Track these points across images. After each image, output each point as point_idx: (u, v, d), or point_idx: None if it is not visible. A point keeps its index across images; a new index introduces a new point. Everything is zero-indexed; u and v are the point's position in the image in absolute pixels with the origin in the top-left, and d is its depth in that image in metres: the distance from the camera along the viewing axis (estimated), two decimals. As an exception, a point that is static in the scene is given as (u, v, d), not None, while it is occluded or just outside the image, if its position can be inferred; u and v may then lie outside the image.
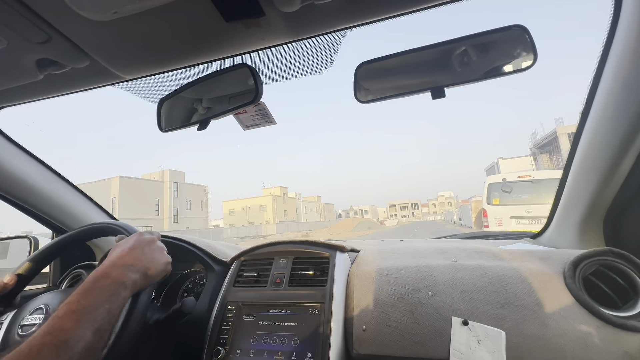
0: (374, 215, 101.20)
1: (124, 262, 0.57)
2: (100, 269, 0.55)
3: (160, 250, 0.65)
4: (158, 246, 0.66)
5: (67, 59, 0.61)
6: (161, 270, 0.62)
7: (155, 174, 33.42)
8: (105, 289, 0.51)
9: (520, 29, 0.49)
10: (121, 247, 0.62)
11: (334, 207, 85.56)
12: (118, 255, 0.59)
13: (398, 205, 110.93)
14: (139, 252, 0.60)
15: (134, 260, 0.58)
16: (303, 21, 0.54)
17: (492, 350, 0.64)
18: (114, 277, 0.53)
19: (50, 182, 1.04)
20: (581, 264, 0.72)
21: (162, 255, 0.65)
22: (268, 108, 0.81)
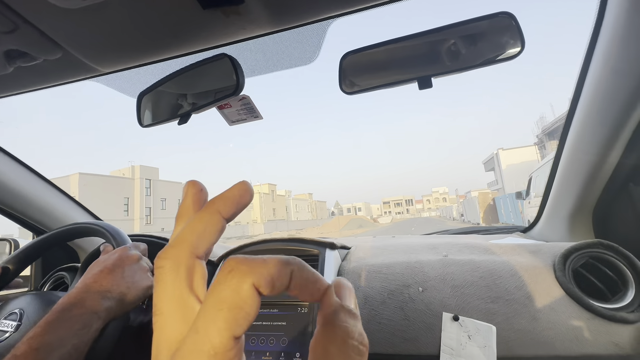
0: (367, 212, 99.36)
1: (101, 286, 0.52)
2: (72, 294, 0.50)
3: (144, 271, 0.60)
4: (141, 267, 0.60)
5: (38, 50, 0.58)
6: (140, 297, 0.57)
7: (124, 170, 29.97)
8: (75, 320, 0.46)
9: (507, 15, 0.48)
10: (99, 265, 0.56)
11: (326, 205, 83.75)
12: (95, 276, 0.53)
13: (392, 201, 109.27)
14: (118, 274, 0.55)
15: (112, 284, 0.53)
16: (285, 9, 0.52)
17: (483, 345, 0.63)
18: (87, 306, 0.48)
19: (28, 181, 1.00)
20: (571, 256, 0.71)
21: (144, 278, 0.59)
22: (254, 102, 0.78)
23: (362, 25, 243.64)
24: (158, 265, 0.17)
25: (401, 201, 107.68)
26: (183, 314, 0.16)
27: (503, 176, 30.93)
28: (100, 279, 0.52)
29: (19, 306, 0.69)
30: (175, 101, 0.68)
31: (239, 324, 0.14)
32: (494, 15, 0.48)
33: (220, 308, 0.14)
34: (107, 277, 0.53)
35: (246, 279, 0.15)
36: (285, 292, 0.17)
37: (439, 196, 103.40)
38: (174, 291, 0.17)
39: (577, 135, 0.76)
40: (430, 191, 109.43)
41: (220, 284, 0.15)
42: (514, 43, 0.48)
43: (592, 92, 0.66)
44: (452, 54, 0.51)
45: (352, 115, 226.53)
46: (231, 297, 0.14)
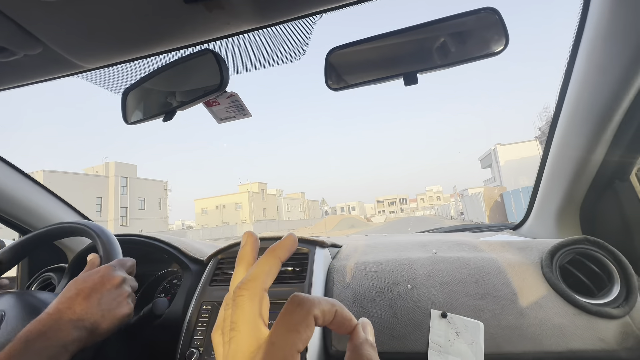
0: (361, 211, 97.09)
1: (74, 314, 0.48)
2: (42, 320, 0.46)
3: (123, 297, 0.55)
4: (122, 292, 0.55)
5: (17, 45, 0.57)
6: (114, 325, 0.52)
7: (98, 167, 27.53)
8: (41, 352, 0.42)
9: (491, 11, 0.47)
10: (78, 286, 0.52)
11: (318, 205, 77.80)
12: (70, 300, 0.49)
13: (386, 200, 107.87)
14: (95, 300, 0.51)
15: (86, 311, 0.49)
16: (270, 3, 0.51)
17: (471, 342, 0.63)
18: (55, 337, 0.44)
19: (12, 180, 0.98)
20: (558, 252, 0.72)
21: (122, 306, 0.54)
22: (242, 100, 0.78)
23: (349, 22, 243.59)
24: (238, 294, 0.24)
25: (395, 200, 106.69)
26: (255, 332, 0.23)
27: (501, 173, 29.68)
28: (74, 305, 0.49)
29: (1, 307, 0.67)
30: (160, 98, 0.67)
31: (302, 342, 0.21)
32: (478, 10, 0.48)
33: (291, 330, 0.21)
34: (81, 303, 0.49)
35: (311, 311, 0.22)
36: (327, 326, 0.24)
37: (433, 195, 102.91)
38: (250, 315, 0.23)
39: (564, 132, 0.77)
40: (424, 190, 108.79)
41: (291, 314, 0.22)
42: (499, 39, 0.48)
43: (578, 89, 0.67)
44: (438, 50, 0.51)
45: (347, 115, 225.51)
46: (300, 323, 0.22)
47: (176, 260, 0.95)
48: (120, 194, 26.94)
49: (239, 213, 41.84)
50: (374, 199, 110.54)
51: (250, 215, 41.08)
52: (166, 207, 31.81)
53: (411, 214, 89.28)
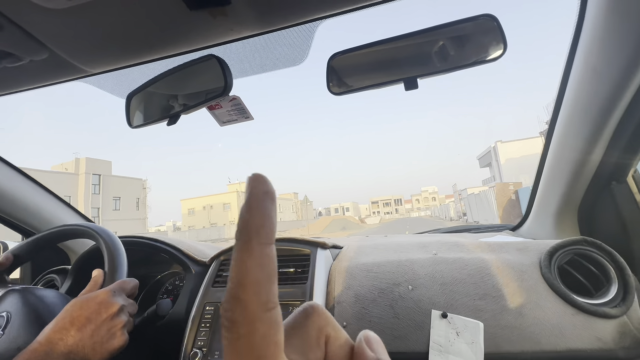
0: (356, 212, 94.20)
1: (65, 346, 0.47)
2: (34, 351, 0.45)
3: (118, 328, 0.54)
4: (117, 322, 0.54)
5: (23, 51, 0.58)
6: (106, 358, 0.51)
7: (67, 164, 24.71)
8: None
9: (489, 18, 0.48)
10: (74, 312, 0.51)
11: (312, 205, 75.68)
12: (62, 331, 0.48)
13: (381, 201, 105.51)
14: (88, 332, 0.50)
15: (78, 343, 0.48)
16: (272, 10, 0.52)
17: (471, 342, 0.64)
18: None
19: (15, 182, 0.99)
20: (556, 253, 0.73)
21: (116, 338, 0.53)
22: (244, 103, 0.78)
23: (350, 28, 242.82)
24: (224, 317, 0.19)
25: (390, 201, 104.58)
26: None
27: (502, 171, 27.89)
28: (67, 337, 0.48)
29: (7, 309, 0.68)
30: (164, 102, 0.68)
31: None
32: (476, 17, 0.49)
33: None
34: (74, 335, 0.48)
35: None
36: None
37: (429, 195, 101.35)
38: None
39: (562, 134, 0.78)
40: (419, 191, 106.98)
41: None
42: (497, 45, 0.49)
43: (575, 91, 0.68)
44: (437, 56, 0.52)
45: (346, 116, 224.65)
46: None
47: (178, 261, 0.96)
48: (92, 192, 24.42)
49: (228, 214, 39.84)
50: (369, 200, 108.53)
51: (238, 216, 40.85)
52: (145, 208, 28.54)
53: (406, 215, 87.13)
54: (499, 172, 28.79)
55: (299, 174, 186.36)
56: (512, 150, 28.08)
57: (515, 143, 28.32)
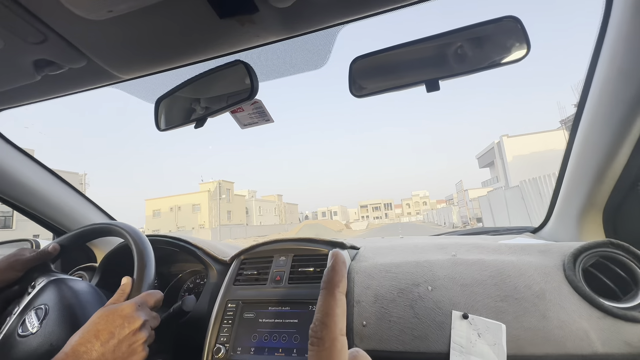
0: (344, 217, 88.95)
1: (89, 358, 0.49)
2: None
3: (139, 343, 0.56)
4: (140, 337, 0.57)
5: (64, 59, 0.62)
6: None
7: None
8: None
9: (512, 20, 0.49)
10: (99, 325, 0.53)
11: (297, 208, 69.90)
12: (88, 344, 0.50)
13: (370, 205, 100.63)
14: (112, 346, 0.52)
15: (100, 357, 0.50)
16: (297, 17, 0.54)
17: (493, 343, 0.64)
18: None
19: (49, 184, 1.05)
20: (581, 255, 0.71)
21: (137, 353, 0.55)
22: (265, 106, 0.81)
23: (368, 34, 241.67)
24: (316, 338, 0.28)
25: (380, 205, 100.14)
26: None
27: (508, 171, 23.77)
28: (91, 350, 0.50)
29: (44, 302, 0.72)
30: (191, 106, 0.71)
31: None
32: (499, 19, 0.50)
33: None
34: (98, 349, 0.51)
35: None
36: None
37: (419, 200, 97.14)
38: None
39: (586, 135, 0.76)
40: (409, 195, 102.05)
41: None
42: (520, 46, 0.49)
43: (599, 91, 0.67)
44: (459, 57, 0.53)
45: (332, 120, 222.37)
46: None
47: (201, 260, 0.99)
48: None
49: (197, 216, 35.40)
50: (357, 203, 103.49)
51: (210, 219, 34.55)
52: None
53: (396, 220, 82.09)
54: (505, 172, 24.92)
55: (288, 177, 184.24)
56: (520, 145, 23.86)
57: (524, 138, 24.21)
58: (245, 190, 48.38)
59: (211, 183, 36.99)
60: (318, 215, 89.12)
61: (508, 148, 24.34)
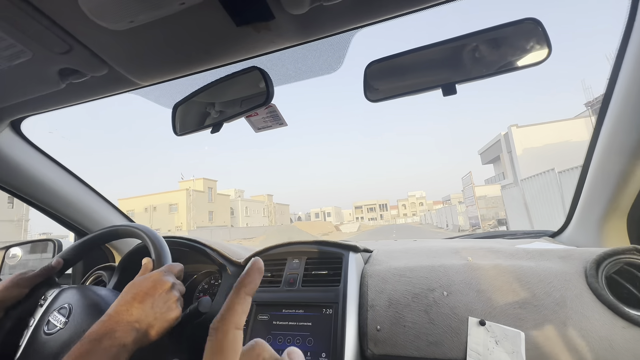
0: (338, 218, 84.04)
1: (131, 316, 0.53)
2: (104, 322, 0.51)
3: (173, 301, 0.60)
4: (171, 296, 0.60)
5: (87, 68, 0.64)
6: (165, 329, 0.57)
7: None
8: (107, 351, 0.47)
9: (532, 22, 0.48)
10: (134, 290, 0.57)
11: (289, 209, 63.88)
12: (127, 304, 0.54)
13: (365, 206, 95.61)
14: (148, 304, 0.56)
15: (141, 314, 0.54)
16: (312, 23, 0.55)
17: (511, 351, 0.63)
18: (117, 337, 0.49)
19: (72, 186, 1.08)
20: (604, 262, 0.69)
21: (173, 310, 0.59)
22: (279, 110, 0.82)
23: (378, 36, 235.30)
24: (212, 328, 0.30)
25: (375, 206, 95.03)
26: None
27: (518, 166, 20.03)
28: (131, 308, 0.54)
29: (67, 301, 0.75)
30: (208, 111, 0.73)
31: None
32: (519, 21, 0.49)
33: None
34: (137, 307, 0.54)
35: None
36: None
37: (416, 200, 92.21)
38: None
39: (609, 137, 0.74)
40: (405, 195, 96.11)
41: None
42: (540, 48, 0.48)
43: (624, 94, 0.65)
44: (477, 61, 0.52)
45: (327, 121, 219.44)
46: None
47: (215, 262, 1.00)
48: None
49: (174, 217, 31.59)
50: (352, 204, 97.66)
51: (188, 220, 30.82)
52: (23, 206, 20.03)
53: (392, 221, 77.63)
54: (513, 167, 21.25)
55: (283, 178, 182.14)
56: (531, 136, 20.16)
57: (536, 128, 20.51)
58: (232, 189, 44.51)
59: (191, 181, 33.88)
60: (311, 217, 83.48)
61: (517, 139, 20.56)
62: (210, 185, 35.31)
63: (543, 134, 20.11)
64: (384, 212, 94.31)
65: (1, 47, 0.55)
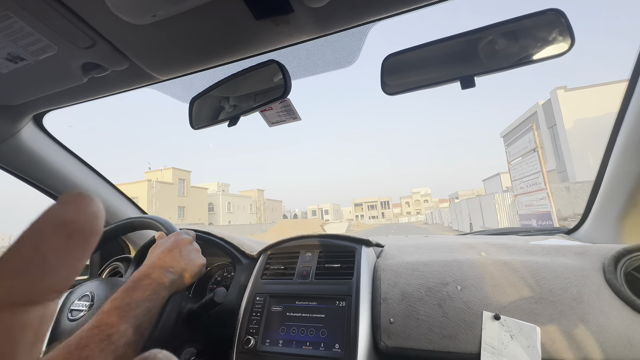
0: (337, 215, 79.45)
1: (164, 263, 0.60)
2: (142, 269, 0.58)
3: (197, 252, 0.68)
4: (194, 248, 0.69)
5: (109, 62, 0.66)
6: (196, 273, 0.65)
7: None
8: (146, 288, 0.54)
9: (555, 12, 0.47)
10: (160, 247, 0.65)
11: (281, 205, 60.24)
12: (158, 256, 0.62)
13: (365, 203, 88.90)
14: (177, 253, 0.63)
15: (173, 262, 0.61)
16: (330, 16, 0.55)
17: (527, 346, 0.62)
18: (154, 277, 0.56)
19: (91, 180, 1.11)
20: (623, 259, 0.68)
21: (198, 257, 0.67)
22: (293, 104, 0.82)
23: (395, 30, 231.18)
24: None
25: (376, 203, 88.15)
26: None
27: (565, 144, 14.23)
28: (163, 257, 0.61)
29: (89, 290, 0.77)
30: (224, 104, 0.74)
31: None
32: (541, 12, 0.48)
33: None
34: (168, 255, 0.62)
35: None
36: None
37: (420, 198, 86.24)
38: None
39: (630, 132, 0.72)
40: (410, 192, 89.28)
41: None
42: (563, 40, 0.47)
43: None
44: (497, 53, 0.51)
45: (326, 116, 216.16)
46: None
47: (229, 254, 1.02)
48: None
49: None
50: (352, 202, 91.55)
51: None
52: None
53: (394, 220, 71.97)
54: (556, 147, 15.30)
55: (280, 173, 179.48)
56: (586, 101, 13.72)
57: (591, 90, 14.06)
58: (214, 182, 39.71)
59: (159, 172, 29.06)
60: (308, 214, 79.79)
61: (566, 107, 14.06)
62: (183, 177, 30.49)
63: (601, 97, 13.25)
64: (385, 210, 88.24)
65: (28, 42, 0.57)
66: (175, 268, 0.60)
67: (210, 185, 39.67)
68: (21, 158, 0.94)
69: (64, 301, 0.76)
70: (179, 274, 0.61)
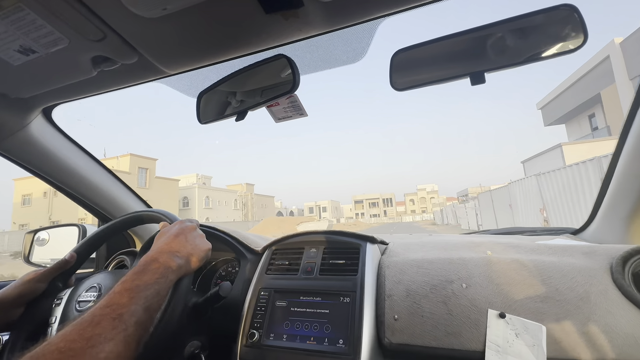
0: (336, 213, 73.56)
1: (170, 248, 0.62)
2: (150, 254, 0.60)
3: (201, 237, 0.70)
4: (199, 234, 0.70)
5: (119, 56, 0.66)
6: (203, 257, 0.67)
7: None
8: (155, 271, 0.56)
9: (568, 8, 0.46)
10: (166, 234, 0.67)
11: (274, 202, 56.10)
12: (164, 242, 0.63)
13: (366, 200, 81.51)
14: (182, 239, 0.65)
15: (179, 247, 0.63)
16: (340, 10, 0.55)
17: (532, 345, 0.62)
18: (162, 262, 0.58)
19: (98, 173, 1.12)
20: (631, 259, 0.67)
21: (204, 243, 0.69)
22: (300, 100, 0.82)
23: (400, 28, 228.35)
24: None
25: (377, 200, 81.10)
26: None
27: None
28: (170, 242, 0.63)
29: (96, 282, 0.78)
30: (232, 99, 0.74)
31: None
32: (553, 8, 0.47)
33: None
34: (174, 241, 0.63)
35: None
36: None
37: (426, 195, 79.67)
38: None
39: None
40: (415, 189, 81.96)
41: None
42: (576, 36, 0.47)
43: None
44: (507, 49, 0.51)
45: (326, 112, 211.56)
46: None
47: (234, 249, 1.02)
48: None
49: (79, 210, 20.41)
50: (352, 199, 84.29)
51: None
52: None
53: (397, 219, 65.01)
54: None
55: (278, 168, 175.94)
56: None
57: None
58: (192, 174, 35.83)
59: (114, 159, 25.04)
60: (305, 211, 73.49)
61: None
62: (144, 165, 26.18)
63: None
64: (388, 208, 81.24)
65: (40, 34, 0.58)
66: (182, 252, 0.62)
67: (187, 177, 35.96)
68: (30, 151, 0.95)
69: (72, 293, 0.77)
70: (186, 258, 0.62)
